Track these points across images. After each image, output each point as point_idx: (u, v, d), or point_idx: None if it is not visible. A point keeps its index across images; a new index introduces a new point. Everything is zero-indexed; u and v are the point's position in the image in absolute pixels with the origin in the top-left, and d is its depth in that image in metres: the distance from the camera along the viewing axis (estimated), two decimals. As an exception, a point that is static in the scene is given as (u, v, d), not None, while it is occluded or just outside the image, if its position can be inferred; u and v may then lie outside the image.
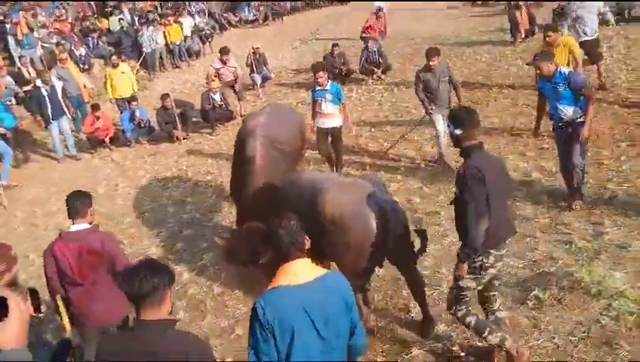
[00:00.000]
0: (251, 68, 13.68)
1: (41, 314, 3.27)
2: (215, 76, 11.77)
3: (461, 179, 3.79)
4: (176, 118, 11.19)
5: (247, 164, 5.87)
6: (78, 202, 4.10)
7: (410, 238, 4.65)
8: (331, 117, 7.88)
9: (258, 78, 13.65)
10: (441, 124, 7.57)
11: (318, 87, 7.85)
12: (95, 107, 11.13)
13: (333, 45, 13.61)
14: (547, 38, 7.69)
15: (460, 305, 4.06)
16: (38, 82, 10.76)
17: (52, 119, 10.49)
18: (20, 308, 1.63)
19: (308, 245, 2.95)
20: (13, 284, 3.31)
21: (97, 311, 4.06)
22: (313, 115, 8.06)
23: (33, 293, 3.20)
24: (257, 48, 13.97)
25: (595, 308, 4.62)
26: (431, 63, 7.50)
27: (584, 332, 4.39)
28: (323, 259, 4.32)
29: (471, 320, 4.07)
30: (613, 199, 6.28)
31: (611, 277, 4.90)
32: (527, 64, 8.92)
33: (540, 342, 4.38)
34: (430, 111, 7.72)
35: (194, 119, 11.96)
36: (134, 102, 11.44)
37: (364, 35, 14.45)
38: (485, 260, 3.89)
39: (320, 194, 4.50)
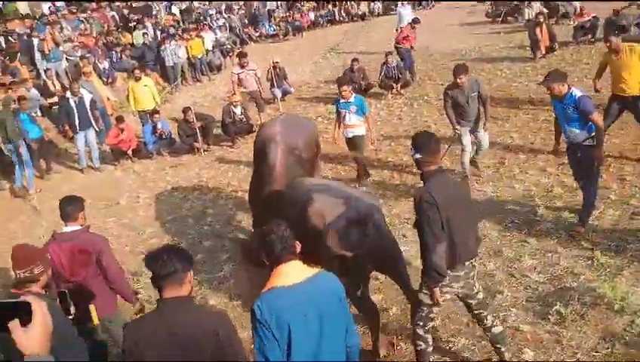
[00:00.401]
0: (272, 82, 13.77)
1: (70, 316, 3.36)
2: (238, 84, 12.01)
3: (417, 204, 3.84)
4: (198, 130, 11.34)
5: (267, 171, 5.95)
6: (70, 207, 4.41)
7: (396, 253, 4.64)
8: (355, 127, 8.15)
9: (278, 92, 13.75)
10: (468, 138, 7.56)
11: (342, 100, 7.99)
12: (120, 119, 11.28)
13: (353, 60, 13.69)
14: (608, 44, 7.43)
15: (416, 319, 4.11)
16: (68, 94, 10.97)
17: (79, 130, 10.67)
18: (43, 313, 1.67)
19: (299, 249, 3.06)
20: (47, 286, 3.41)
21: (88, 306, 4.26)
22: (337, 125, 8.25)
23: (62, 296, 3.29)
24: (277, 63, 14.06)
25: (618, 324, 4.58)
26: (458, 81, 7.38)
27: (608, 348, 4.35)
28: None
29: (420, 344, 4.10)
30: (636, 215, 6.23)
31: (635, 294, 4.85)
32: (538, 84, 8.81)
33: (562, 358, 4.34)
34: (457, 128, 7.65)
35: (215, 132, 12.09)
36: (156, 115, 11.59)
37: (398, 45, 14.42)
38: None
39: (307, 205, 4.68)
